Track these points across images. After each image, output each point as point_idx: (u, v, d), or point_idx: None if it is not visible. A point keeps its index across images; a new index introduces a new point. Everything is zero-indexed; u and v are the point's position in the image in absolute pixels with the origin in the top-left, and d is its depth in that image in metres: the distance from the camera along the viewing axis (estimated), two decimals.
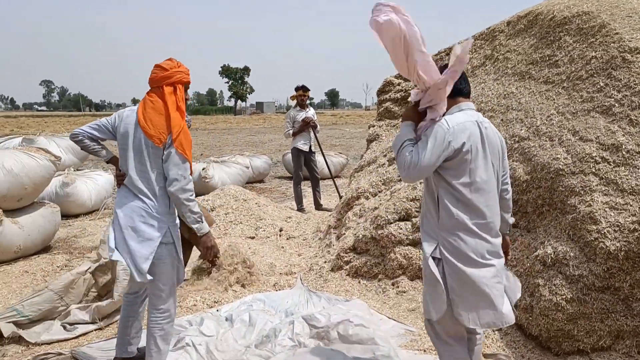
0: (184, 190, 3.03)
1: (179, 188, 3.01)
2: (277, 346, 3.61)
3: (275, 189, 11.80)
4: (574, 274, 3.41)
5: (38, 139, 11.47)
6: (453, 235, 2.59)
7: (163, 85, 3.10)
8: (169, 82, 3.10)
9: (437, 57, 6.58)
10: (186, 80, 3.19)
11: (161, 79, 3.10)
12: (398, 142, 2.68)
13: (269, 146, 23.07)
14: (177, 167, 3.02)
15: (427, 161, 2.52)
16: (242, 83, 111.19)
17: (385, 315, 4.17)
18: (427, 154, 2.52)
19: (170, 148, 3.01)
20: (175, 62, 3.17)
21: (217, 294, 4.72)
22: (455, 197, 2.60)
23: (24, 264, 5.76)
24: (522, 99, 4.67)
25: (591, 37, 4.45)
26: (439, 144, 2.53)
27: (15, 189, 5.72)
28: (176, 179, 3.01)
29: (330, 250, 5.53)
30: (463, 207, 2.59)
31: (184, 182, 3.02)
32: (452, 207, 2.59)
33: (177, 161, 3.02)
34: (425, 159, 2.52)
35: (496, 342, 3.66)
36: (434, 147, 2.53)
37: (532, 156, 4.10)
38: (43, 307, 4.00)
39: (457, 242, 2.58)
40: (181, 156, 3.03)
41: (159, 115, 3.04)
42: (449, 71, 2.53)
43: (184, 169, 3.04)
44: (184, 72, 3.17)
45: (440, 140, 2.53)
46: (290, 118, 8.50)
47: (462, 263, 2.57)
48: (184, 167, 3.04)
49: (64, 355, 3.61)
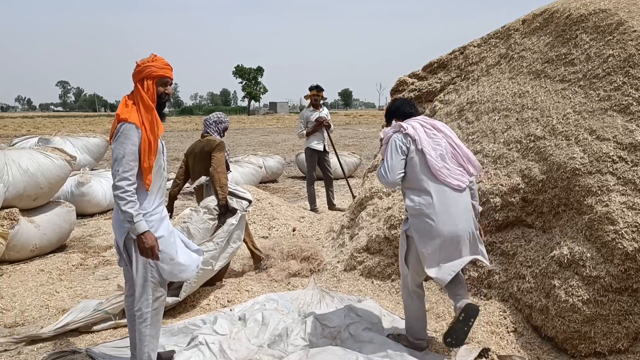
0: (116, 187, 2.93)
1: (113, 184, 2.95)
2: (289, 346, 3.61)
3: (289, 188, 11.81)
4: (591, 275, 3.36)
5: (54, 139, 11.58)
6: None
7: (136, 81, 3.09)
8: (140, 77, 3.07)
9: (451, 55, 6.54)
10: (156, 74, 3.08)
11: (134, 75, 3.10)
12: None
13: (282, 146, 23.11)
14: (115, 162, 2.95)
15: (393, 162, 3.53)
16: (256, 83, 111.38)
17: (398, 316, 4.15)
18: (391, 157, 3.50)
19: (114, 142, 2.98)
20: (150, 57, 3.12)
21: (231, 294, 4.74)
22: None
23: (40, 262, 5.82)
24: (537, 98, 4.62)
25: (608, 34, 4.39)
26: (394, 147, 3.50)
27: (31, 188, 5.79)
28: (113, 174, 2.95)
29: (344, 250, 5.52)
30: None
31: (117, 178, 2.92)
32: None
33: (114, 155, 2.96)
34: (391, 161, 3.51)
35: (511, 343, 3.62)
36: (392, 150, 3.51)
37: (548, 155, 4.06)
38: (122, 305, 4.14)
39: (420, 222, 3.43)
40: (117, 150, 2.94)
41: (119, 110, 3.03)
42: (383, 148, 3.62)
43: (121, 164, 2.92)
44: (156, 65, 3.08)
45: (395, 145, 3.51)
46: (304, 118, 8.48)
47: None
48: (122, 162, 2.92)
49: (79, 354, 3.64)
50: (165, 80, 3.15)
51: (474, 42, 6.37)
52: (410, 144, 3.45)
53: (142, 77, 3.07)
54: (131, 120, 2.97)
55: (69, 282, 5.24)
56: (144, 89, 3.06)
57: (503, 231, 4.30)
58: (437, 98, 6.35)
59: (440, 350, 3.64)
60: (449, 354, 3.57)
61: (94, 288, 5.03)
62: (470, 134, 5.14)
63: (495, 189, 4.31)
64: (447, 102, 6.08)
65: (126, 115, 2.98)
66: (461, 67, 6.32)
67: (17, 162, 5.79)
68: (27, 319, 4.33)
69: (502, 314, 3.86)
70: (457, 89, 6.15)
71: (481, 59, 6.07)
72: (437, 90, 6.50)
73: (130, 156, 2.95)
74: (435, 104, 6.30)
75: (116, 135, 2.98)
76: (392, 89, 7.27)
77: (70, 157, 6.42)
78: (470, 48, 6.34)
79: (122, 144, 2.95)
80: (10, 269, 5.58)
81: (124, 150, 2.94)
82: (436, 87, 6.53)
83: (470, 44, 6.42)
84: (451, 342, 3.39)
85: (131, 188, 2.96)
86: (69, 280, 5.31)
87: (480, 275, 4.24)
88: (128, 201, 2.94)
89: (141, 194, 3.07)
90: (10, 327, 4.18)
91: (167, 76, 3.14)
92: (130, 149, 2.95)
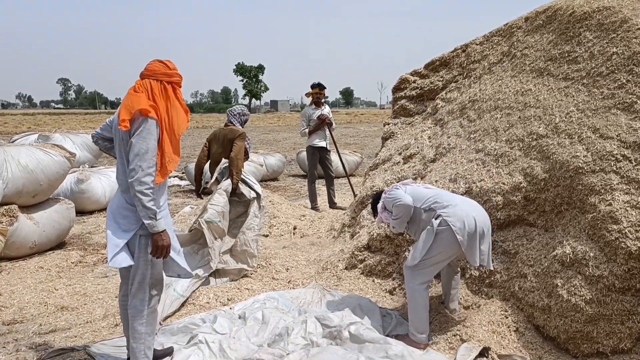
0: (140, 183, 2.87)
1: (135, 179, 2.87)
2: (289, 344, 3.58)
3: (289, 187, 11.78)
4: (594, 274, 3.34)
5: (54, 135, 11.54)
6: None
7: (164, 81, 3.10)
8: (169, 80, 3.11)
9: (453, 53, 6.52)
10: (180, 83, 3.22)
11: (163, 74, 3.10)
12: (393, 220, 3.90)
13: (283, 144, 23.07)
14: (137, 156, 2.89)
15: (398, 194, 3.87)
16: (257, 81, 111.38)
17: (400, 315, 4.13)
18: (394, 194, 3.88)
19: (134, 136, 2.92)
20: (171, 64, 3.19)
21: (231, 292, 4.72)
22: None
23: (39, 259, 5.79)
24: (540, 96, 4.58)
25: (612, 32, 4.35)
26: (391, 195, 3.92)
27: (31, 185, 5.76)
28: (133, 169, 2.89)
29: (345, 248, 5.49)
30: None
31: (141, 174, 2.87)
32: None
33: (136, 150, 2.89)
34: (396, 194, 3.88)
35: (513, 343, 3.59)
36: (391, 196, 3.90)
37: (550, 154, 4.03)
38: (193, 287, 4.65)
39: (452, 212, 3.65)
40: (139, 145, 2.89)
41: (135, 98, 2.97)
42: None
43: (144, 159, 2.88)
44: (179, 74, 3.21)
45: (391, 194, 3.95)
46: (306, 116, 8.44)
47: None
48: (145, 157, 2.88)
49: (78, 352, 3.61)
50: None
51: (476, 40, 6.34)
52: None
53: (172, 82, 3.13)
54: (153, 115, 2.95)
55: (68, 279, 5.21)
56: (176, 94, 3.16)
57: (505, 230, 4.27)
58: (439, 96, 6.32)
59: (440, 349, 3.61)
60: (449, 352, 3.55)
61: (93, 285, 5.00)
62: (472, 132, 5.12)
63: (497, 187, 4.28)
64: (449, 100, 6.05)
65: (150, 109, 2.95)
66: (463, 65, 6.29)
67: (17, 159, 5.75)
68: (25, 316, 4.30)
69: (504, 313, 3.83)
70: (459, 87, 6.12)
71: (483, 57, 6.04)
72: (439, 88, 6.47)
73: (153, 152, 2.93)
74: (437, 102, 6.27)
75: (138, 129, 2.91)
76: (393, 87, 7.25)
77: (70, 154, 6.39)
78: (473, 46, 6.31)
79: (146, 139, 2.90)
80: (9, 266, 5.55)
81: (147, 145, 2.90)
82: (438, 85, 6.50)
83: (472, 41, 6.39)
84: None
85: (153, 185, 2.94)
86: (68, 277, 5.28)
87: (482, 274, 4.21)
88: (152, 198, 2.92)
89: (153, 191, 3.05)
90: (8, 324, 4.15)
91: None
92: (153, 145, 2.93)
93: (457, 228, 3.49)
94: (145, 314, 3.14)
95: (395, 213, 3.82)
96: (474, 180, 4.49)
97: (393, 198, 3.83)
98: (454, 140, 5.29)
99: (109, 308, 4.45)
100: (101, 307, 4.48)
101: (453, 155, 5.09)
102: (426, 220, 3.72)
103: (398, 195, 3.81)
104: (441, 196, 3.76)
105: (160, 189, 3.12)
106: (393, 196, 3.85)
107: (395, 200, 3.80)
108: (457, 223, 3.51)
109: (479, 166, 4.61)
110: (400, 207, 3.77)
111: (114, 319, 4.21)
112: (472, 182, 4.49)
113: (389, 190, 3.98)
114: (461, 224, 3.50)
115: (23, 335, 3.94)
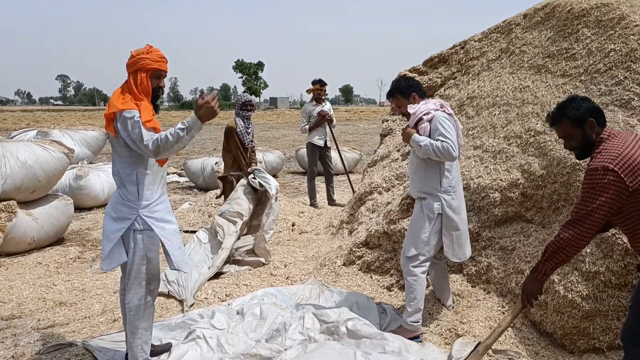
0: (155, 149, 2.90)
1: (149, 150, 2.90)
2: (287, 340, 3.59)
3: (288, 183, 11.79)
4: (590, 270, 3.35)
5: (52, 132, 11.56)
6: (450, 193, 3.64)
7: (130, 72, 3.04)
8: (133, 69, 3.02)
9: (452, 50, 6.52)
10: (150, 67, 3.02)
11: (127, 66, 3.05)
12: (428, 147, 3.44)
13: (282, 141, 23.06)
14: (135, 140, 2.90)
15: (454, 138, 3.46)
16: (256, 78, 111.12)
17: (396, 311, 4.14)
18: (451, 134, 3.46)
19: (122, 133, 2.93)
20: (145, 49, 3.06)
21: (229, 288, 4.73)
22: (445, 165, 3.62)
23: (38, 255, 5.80)
24: (538, 93, 4.59)
25: (610, 29, 4.36)
26: (450, 124, 3.51)
27: (29, 181, 5.76)
28: (142, 148, 2.91)
29: (343, 245, 5.50)
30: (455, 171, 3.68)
31: (150, 145, 2.89)
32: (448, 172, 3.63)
33: (133, 137, 2.90)
34: (453, 137, 3.45)
35: (509, 338, 3.60)
36: (449, 127, 3.49)
37: (548, 150, 4.03)
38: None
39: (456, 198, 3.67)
40: (133, 133, 2.89)
41: (114, 101, 2.98)
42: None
43: (142, 135, 2.88)
44: (151, 58, 3.02)
45: (448, 122, 3.51)
46: (306, 113, 8.41)
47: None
48: (142, 133, 2.88)
49: (76, 346, 3.63)
50: (159, 73, 3.10)
51: (475, 37, 6.34)
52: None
53: (135, 69, 3.02)
54: (130, 108, 2.93)
55: (66, 275, 5.22)
56: (137, 81, 3.01)
57: (502, 226, 4.28)
58: (438, 93, 6.33)
59: (436, 342, 3.63)
60: (445, 347, 3.56)
61: (91, 281, 5.01)
62: (471, 128, 5.12)
63: (495, 184, 4.29)
64: (448, 97, 6.05)
65: (124, 105, 2.93)
66: (462, 62, 6.29)
67: (15, 155, 5.76)
68: (24, 311, 4.31)
69: (501, 309, 3.85)
70: (457, 83, 6.12)
71: (482, 54, 6.04)
72: (438, 85, 6.47)
73: (146, 132, 2.91)
74: (435, 99, 6.28)
75: (124, 124, 2.91)
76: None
77: (68, 150, 6.39)
78: (471, 43, 6.31)
79: (134, 126, 2.90)
80: (7, 261, 5.56)
81: (138, 127, 2.89)
82: (437, 81, 6.50)
83: (471, 38, 6.39)
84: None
85: (161, 135, 2.91)
86: (66, 273, 5.29)
87: (479, 270, 4.22)
88: (169, 139, 2.89)
89: (144, 184, 3.06)
90: (7, 319, 4.16)
91: (162, 69, 3.09)
92: (142, 130, 2.90)
93: (452, 217, 3.63)
94: (142, 309, 3.15)
95: (435, 147, 3.43)
96: (472, 177, 4.50)
97: (448, 133, 3.46)
98: None
99: (107, 303, 4.46)
100: (99, 302, 4.50)
101: None
102: (432, 185, 3.62)
103: (453, 139, 3.45)
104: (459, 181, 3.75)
105: (154, 181, 3.13)
106: (449, 133, 3.47)
107: (448, 141, 3.42)
108: (450, 211, 3.63)
109: (476, 163, 4.62)
110: (445, 152, 3.42)
111: (112, 315, 4.22)
112: (469, 179, 4.50)
113: (447, 114, 3.59)
114: (455, 213, 3.64)
115: (22, 330, 3.95)
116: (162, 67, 3.09)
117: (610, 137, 2.52)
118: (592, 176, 2.43)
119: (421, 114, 3.59)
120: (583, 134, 2.59)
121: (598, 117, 2.57)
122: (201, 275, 4.83)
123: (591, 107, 2.59)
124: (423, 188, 3.68)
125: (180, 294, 4.54)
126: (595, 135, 2.57)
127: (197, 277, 4.79)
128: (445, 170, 3.61)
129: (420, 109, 3.61)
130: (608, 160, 2.38)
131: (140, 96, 3.01)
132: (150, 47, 3.08)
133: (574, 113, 2.57)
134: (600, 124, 2.57)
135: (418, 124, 3.61)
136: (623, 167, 2.35)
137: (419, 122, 3.60)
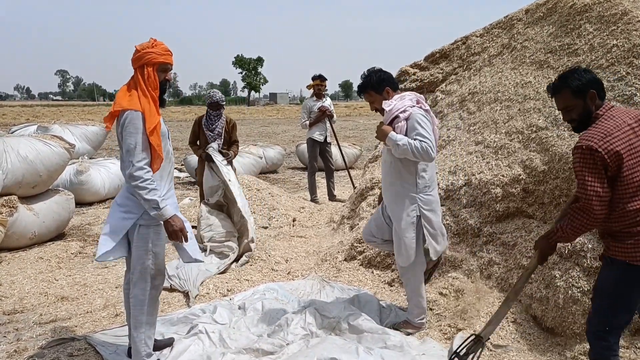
0: (132, 177, 2.89)
1: (129, 174, 2.91)
2: (289, 335, 3.60)
3: (289, 179, 11.79)
4: (592, 265, 3.36)
5: (53, 127, 11.52)
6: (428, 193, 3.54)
7: (136, 67, 3.03)
8: (139, 64, 3.00)
9: (453, 45, 6.51)
10: (157, 60, 3.01)
11: (133, 61, 3.03)
12: (407, 147, 3.27)
13: (282, 137, 23.05)
14: (127, 153, 2.91)
15: (432, 138, 3.30)
16: (256, 74, 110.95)
17: (397, 306, 4.15)
18: (429, 133, 3.31)
19: (122, 132, 2.93)
20: (150, 43, 3.04)
21: (231, 283, 4.74)
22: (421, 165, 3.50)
23: (39, 250, 5.81)
24: (540, 88, 4.59)
25: (612, 24, 4.35)
26: (427, 123, 3.36)
27: (30, 176, 5.76)
28: (126, 165, 2.92)
29: (344, 240, 5.51)
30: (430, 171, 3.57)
31: (132, 170, 2.88)
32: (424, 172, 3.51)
33: (126, 147, 2.91)
34: (431, 137, 3.29)
35: (511, 333, 3.61)
36: (427, 126, 3.34)
37: (550, 146, 4.03)
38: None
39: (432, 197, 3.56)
40: (128, 140, 2.89)
41: (117, 95, 2.98)
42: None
43: (133, 154, 2.89)
44: (156, 52, 3.00)
45: (426, 121, 3.36)
46: (307, 108, 8.39)
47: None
48: (134, 152, 2.88)
49: (79, 341, 3.63)
50: (166, 67, 3.09)
51: (477, 32, 6.34)
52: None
53: (142, 64, 3.00)
54: (135, 108, 2.92)
55: (67, 270, 5.23)
56: (145, 76, 3.00)
57: (503, 222, 4.28)
58: (439, 88, 6.32)
59: (436, 337, 3.64)
60: (446, 342, 3.57)
61: (93, 276, 5.01)
62: (472, 124, 5.12)
63: (497, 179, 4.29)
64: (449, 93, 6.05)
65: (130, 104, 2.93)
66: (463, 57, 6.29)
67: (16, 150, 5.75)
68: (25, 306, 4.32)
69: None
70: (459, 79, 6.12)
71: (483, 49, 6.04)
72: (439, 80, 6.47)
73: (142, 145, 2.91)
74: (436, 94, 6.27)
75: (124, 126, 2.92)
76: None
77: (69, 145, 6.38)
78: (473, 38, 6.31)
79: (132, 134, 2.90)
80: (9, 256, 5.56)
81: (135, 140, 2.90)
82: (438, 77, 6.50)
83: (472, 34, 6.38)
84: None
85: (149, 176, 2.93)
86: (67, 268, 5.29)
87: (480, 266, 4.23)
88: (149, 189, 2.92)
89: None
90: (9, 314, 4.17)
91: (168, 62, 3.08)
92: (140, 138, 2.91)
93: (430, 216, 3.56)
94: (147, 304, 3.15)
95: (414, 147, 3.26)
96: (474, 173, 4.50)
97: (427, 133, 3.30)
98: (454, 132, 5.30)
99: (109, 298, 4.47)
100: (101, 297, 4.50)
101: (452, 147, 5.09)
102: (407, 186, 3.49)
103: (431, 138, 3.29)
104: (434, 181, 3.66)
105: (161, 177, 3.12)
106: (428, 133, 3.30)
107: (427, 141, 3.26)
108: (428, 211, 3.54)
109: (478, 158, 4.62)
110: (424, 152, 3.26)
111: (114, 309, 4.23)
112: (471, 174, 4.50)
113: (424, 111, 3.45)
114: (434, 210, 3.59)
115: (24, 325, 3.96)
116: (168, 60, 3.08)
117: (606, 117, 2.50)
118: (578, 154, 2.43)
119: (397, 111, 3.42)
120: (584, 105, 2.56)
121: (599, 89, 2.56)
122: (201, 272, 4.83)
123: (593, 79, 2.57)
124: (397, 189, 3.53)
125: (183, 286, 4.55)
126: (595, 108, 2.56)
127: (197, 272, 4.79)
128: (421, 170, 3.49)
129: (397, 106, 3.44)
130: (595, 139, 2.39)
131: (149, 91, 3.00)
132: (154, 40, 3.07)
133: (576, 83, 2.54)
134: (600, 97, 2.56)
135: (394, 121, 3.43)
136: (607, 149, 2.35)
137: (394, 120, 3.43)
